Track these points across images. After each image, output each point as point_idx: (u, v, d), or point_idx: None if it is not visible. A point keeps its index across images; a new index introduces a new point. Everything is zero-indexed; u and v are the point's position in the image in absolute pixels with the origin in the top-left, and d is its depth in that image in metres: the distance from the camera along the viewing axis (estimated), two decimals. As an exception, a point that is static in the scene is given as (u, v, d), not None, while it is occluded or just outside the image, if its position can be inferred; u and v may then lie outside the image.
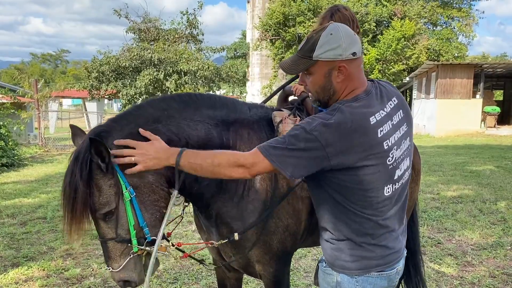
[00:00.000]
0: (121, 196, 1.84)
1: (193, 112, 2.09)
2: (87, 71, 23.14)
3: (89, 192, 1.79)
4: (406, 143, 1.81)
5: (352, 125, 1.62)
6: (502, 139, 18.43)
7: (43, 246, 5.26)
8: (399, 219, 1.86)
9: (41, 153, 15.75)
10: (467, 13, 31.99)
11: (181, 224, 5.96)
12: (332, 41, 1.67)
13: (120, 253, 1.89)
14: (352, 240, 1.76)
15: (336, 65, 1.68)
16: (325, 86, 1.75)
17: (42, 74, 66.10)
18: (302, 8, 28.69)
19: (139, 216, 1.88)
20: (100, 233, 1.90)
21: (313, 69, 1.73)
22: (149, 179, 1.91)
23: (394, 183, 1.75)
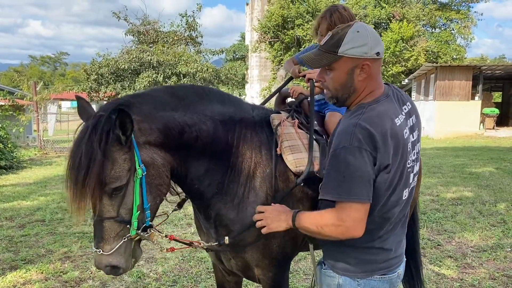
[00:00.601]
0: (133, 173, 1.82)
1: (205, 106, 2.11)
2: (86, 73, 23.12)
3: (104, 163, 1.74)
4: (417, 148, 1.83)
5: (382, 127, 1.62)
6: (501, 141, 18.45)
7: (41, 248, 5.24)
8: (403, 223, 1.86)
9: (40, 156, 15.73)
10: (466, 15, 32.11)
11: (180, 226, 5.96)
12: (359, 38, 1.66)
13: (115, 234, 1.83)
14: (358, 244, 1.73)
15: (361, 63, 1.67)
16: (346, 84, 1.72)
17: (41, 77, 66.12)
18: (301, 10, 28.73)
19: (145, 197, 1.86)
20: (99, 211, 1.82)
21: (336, 65, 1.71)
22: (158, 161, 1.92)
23: (409, 187, 1.76)
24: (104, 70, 22.18)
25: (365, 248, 1.75)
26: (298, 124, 2.39)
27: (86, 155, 1.72)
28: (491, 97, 25.88)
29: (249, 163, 2.17)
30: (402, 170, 1.68)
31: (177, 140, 1.97)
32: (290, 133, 2.30)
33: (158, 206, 1.99)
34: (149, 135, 1.90)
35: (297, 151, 2.24)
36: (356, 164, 1.57)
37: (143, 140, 1.87)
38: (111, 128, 1.75)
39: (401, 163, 1.67)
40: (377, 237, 1.74)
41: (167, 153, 1.96)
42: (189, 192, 2.19)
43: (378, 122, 1.62)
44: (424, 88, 23.80)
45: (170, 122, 1.96)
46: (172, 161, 1.98)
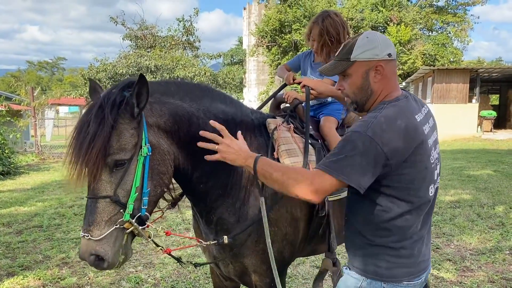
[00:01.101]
0: (138, 150, 1.78)
1: (210, 103, 2.12)
2: (83, 78, 23.18)
3: (112, 132, 1.71)
4: (438, 149, 1.86)
5: (402, 120, 1.65)
6: (499, 143, 18.49)
7: (39, 255, 5.21)
8: (429, 227, 1.88)
9: (38, 161, 15.68)
10: (462, 18, 32.22)
11: (178, 231, 5.93)
12: (369, 43, 1.76)
13: (108, 218, 1.73)
14: (390, 246, 1.75)
15: (374, 65, 1.75)
16: (363, 87, 1.79)
17: (39, 82, 66.15)
18: (298, 15, 28.82)
19: (145, 180, 1.80)
20: (95, 188, 1.74)
21: (351, 70, 1.79)
22: (164, 147, 1.89)
23: (434, 184, 1.79)
24: (102, 75, 22.24)
25: (396, 249, 1.74)
26: (293, 129, 2.41)
27: (95, 121, 1.69)
28: (488, 100, 25.99)
29: None
30: (426, 165, 1.71)
31: (186, 129, 1.96)
32: (287, 137, 2.32)
33: (157, 198, 1.92)
34: (159, 117, 1.89)
35: (294, 155, 2.26)
36: (361, 150, 1.59)
37: (152, 121, 1.87)
38: (125, 98, 1.75)
39: (424, 157, 1.70)
40: (408, 237, 1.75)
41: (175, 144, 1.95)
42: (194, 193, 2.17)
43: (398, 117, 1.66)
44: (422, 91, 23.86)
45: (180, 109, 1.96)
46: (178, 154, 1.96)
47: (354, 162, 1.60)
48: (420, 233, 1.78)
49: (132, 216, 1.77)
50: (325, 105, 2.78)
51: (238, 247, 2.17)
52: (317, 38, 2.68)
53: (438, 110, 20.83)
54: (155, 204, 1.94)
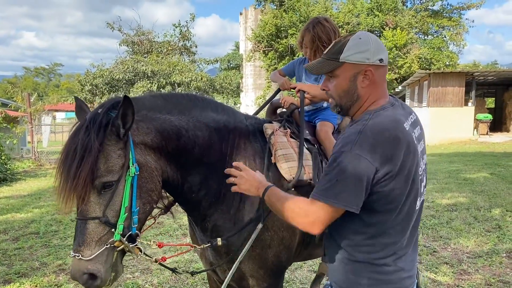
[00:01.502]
0: (126, 171, 1.77)
1: (200, 113, 2.11)
2: (80, 84, 23.16)
3: (99, 155, 1.71)
4: (425, 159, 1.78)
5: (390, 132, 1.58)
6: (495, 146, 18.55)
7: (35, 261, 5.19)
8: (415, 241, 1.80)
9: (34, 167, 15.62)
10: (457, 22, 32.41)
11: (175, 237, 5.92)
12: (361, 44, 1.66)
13: (98, 239, 1.73)
14: (372, 262, 1.67)
15: (363, 69, 1.66)
16: (349, 90, 1.70)
17: (35, 88, 65.97)
18: (294, 19, 28.95)
19: (134, 199, 1.80)
20: (84, 209, 1.74)
21: (339, 72, 1.70)
22: (151, 164, 1.89)
23: (420, 197, 1.72)
24: (99, 81, 22.23)
25: (380, 266, 1.67)
26: (290, 134, 2.42)
27: (82, 145, 1.70)
28: (484, 103, 26.09)
29: None
30: (414, 178, 1.63)
31: (174, 143, 1.96)
32: (283, 142, 2.33)
33: (146, 215, 1.93)
34: (146, 135, 1.89)
35: (291, 160, 2.27)
36: (352, 172, 1.53)
37: (139, 140, 1.86)
38: (111, 119, 1.74)
39: (412, 169, 1.62)
40: (392, 253, 1.67)
41: (163, 158, 1.94)
42: (186, 202, 2.17)
43: (385, 128, 1.59)
44: (418, 95, 23.94)
45: (167, 124, 1.96)
46: (166, 167, 1.96)
47: (347, 186, 1.53)
48: (406, 249, 1.71)
49: (123, 235, 1.77)
50: (321, 110, 2.79)
51: (234, 253, 2.18)
52: (309, 45, 2.70)
53: (434, 114, 20.92)
54: (145, 220, 1.94)
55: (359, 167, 1.52)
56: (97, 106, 1.87)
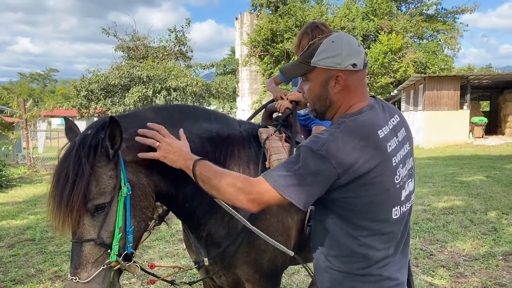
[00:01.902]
0: (118, 191, 1.76)
1: (192, 124, 2.10)
2: (76, 89, 23.10)
3: (91, 178, 1.70)
4: (410, 163, 1.72)
5: (361, 138, 1.53)
6: (490, 149, 18.64)
7: (31, 268, 5.16)
8: (404, 248, 1.75)
9: (30, 174, 15.56)
10: (452, 26, 32.64)
11: (172, 243, 5.91)
12: (332, 48, 1.59)
13: (94, 260, 1.73)
14: (355, 271, 1.64)
15: (334, 74, 1.60)
16: (321, 96, 1.67)
17: (31, 94, 65.87)
18: (289, 24, 29.05)
19: (128, 219, 1.79)
20: (79, 232, 1.73)
21: (311, 76, 1.66)
22: (143, 181, 1.87)
23: (401, 205, 1.65)
24: (94, 86, 22.20)
25: (363, 276, 1.63)
26: (285, 138, 2.43)
27: (73, 170, 1.69)
28: (479, 106, 26.25)
29: None
30: (387, 186, 1.57)
31: None
32: (278, 147, 2.33)
33: (142, 233, 1.92)
34: (137, 153, 1.87)
35: None
36: (312, 170, 1.49)
37: (130, 158, 1.84)
38: (100, 141, 1.73)
39: (385, 178, 1.56)
40: (374, 262, 1.62)
41: (155, 173, 1.94)
42: (181, 213, 2.17)
43: (357, 133, 1.54)
44: (413, 98, 24.05)
45: None
46: (159, 181, 1.95)
47: (302, 182, 1.50)
48: (391, 257, 1.66)
49: (118, 255, 1.76)
50: None
51: (229, 259, 2.17)
52: None
53: (430, 117, 21.01)
54: (142, 236, 1.94)
55: (320, 168, 1.49)
56: (86, 128, 1.87)
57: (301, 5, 30.74)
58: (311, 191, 1.52)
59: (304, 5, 31.20)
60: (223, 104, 40.09)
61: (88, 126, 1.87)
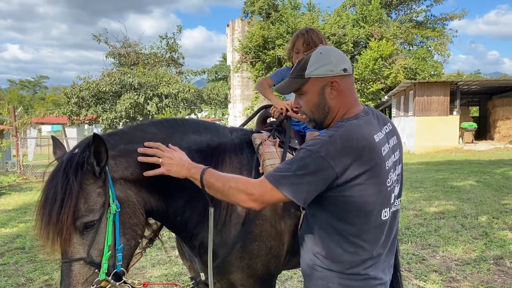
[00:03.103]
0: (107, 208, 1.76)
1: (180, 138, 2.11)
2: (66, 97, 22.98)
3: (79, 196, 1.70)
4: (399, 170, 1.81)
5: (358, 141, 1.61)
6: (480, 154, 18.81)
7: (21, 277, 5.09)
8: (390, 249, 1.82)
9: (20, 181, 15.40)
10: (441, 32, 33.03)
11: (164, 249, 5.86)
12: (322, 58, 1.72)
13: (84, 280, 1.71)
14: (342, 271, 1.70)
15: (328, 81, 1.71)
16: (319, 104, 1.75)
17: (21, 101, 65.33)
18: (281, 31, 29.19)
19: (117, 236, 1.78)
20: (68, 251, 1.72)
21: (306, 88, 1.75)
22: (133, 199, 1.87)
23: (390, 207, 1.74)
24: (85, 93, 22.10)
25: (350, 275, 1.70)
26: (279, 143, 2.44)
27: (61, 189, 1.68)
28: (468, 112, 26.49)
29: None
30: (380, 189, 1.66)
31: None
32: (271, 152, 2.34)
33: (132, 251, 1.90)
34: (125, 169, 1.87)
35: None
36: (311, 170, 1.58)
37: (118, 175, 1.84)
38: (86, 159, 1.73)
39: (378, 180, 1.65)
40: (360, 262, 1.70)
41: (144, 189, 1.93)
42: (173, 226, 2.17)
43: (355, 136, 1.62)
44: (404, 104, 24.24)
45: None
46: (149, 197, 1.95)
47: (302, 181, 1.59)
48: (377, 258, 1.74)
49: (108, 274, 1.75)
50: None
51: (222, 265, 2.17)
52: (302, 49, 2.72)
53: (420, 123, 21.18)
54: (132, 255, 1.92)
55: (320, 169, 1.58)
56: (74, 147, 1.87)
57: (292, 12, 30.93)
58: (310, 190, 1.60)
59: (295, 12, 31.41)
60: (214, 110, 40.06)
61: (76, 145, 1.88)
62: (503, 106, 23.43)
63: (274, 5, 32.09)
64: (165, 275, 4.88)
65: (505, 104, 23.42)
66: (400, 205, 1.89)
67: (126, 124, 21.45)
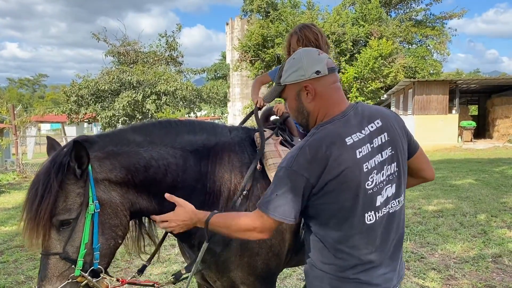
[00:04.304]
0: (85, 208, 1.81)
1: (174, 139, 2.11)
2: (66, 95, 22.96)
3: (58, 194, 1.78)
4: (391, 168, 1.73)
5: (327, 148, 1.61)
6: (479, 153, 18.83)
7: (20, 275, 5.10)
8: (391, 254, 1.78)
9: (19, 180, 15.39)
10: (440, 31, 33.02)
11: (163, 248, 5.87)
12: (294, 64, 1.75)
13: (59, 274, 1.77)
14: (334, 273, 1.72)
15: (302, 85, 1.73)
16: (298, 109, 1.79)
17: (20, 99, 65.23)
18: (280, 29, 29.15)
19: (95, 236, 1.82)
20: (46, 245, 1.80)
21: (285, 94, 1.81)
22: (116, 200, 1.90)
23: (376, 211, 1.68)
24: (84, 92, 22.08)
25: (341, 278, 1.71)
26: (281, 141, 2.45)
27: (42, 186, 1.76)
28: (467, 111, 26.50)
29: (228, 185, 2.18)
30: (356, 191, 1.62)
31: (142, 175, 1.97)
32: (274, 151, 2.34)
33: (112, 250, 1.93)
34: (109, 171, 1.90)
35: None
36: (290, 186, 1.62)
37: (102, 177, 1.88)
38: (68, 162, 1.79)
39: (352, 183, 1.62)
40: (349, 267, 1.69)
41: (132, 191, 1.96)
42: None
43: (324, 143, 1.62)
44: (403, 103, 24.25)
45: (134, 158, 1.97)
46: (137, 199, 1.98)
47: (285, 200, 1.63)
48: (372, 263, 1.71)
49: (84, 270, 1.80)
50: None
51: (222, 263, 2.18)
52: (297, 47, 2.70)
53: (419, 121, 21.19)
54: (112, 255, 1.96)
55: (296, 183, 1.62)
56: (62, 146, 1.94)
57: (291, 11, 30.88)
58: (295, 206, 1.65)
59: (294, 11, 31.35)
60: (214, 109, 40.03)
61: (64, 144, 1.94)
62: (502, 105, 23.44)
63: (274, 4, 32.07)
64: (165, 273, 4.89)
65: (504, 102, 23.44)
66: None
67: (125, 122, 21.47)
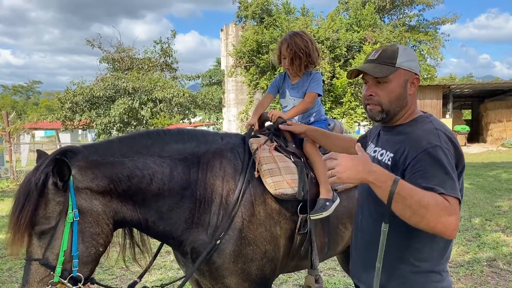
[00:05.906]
0: (64, 216, 1.84)
1: (161, 148, 2.13)
2: (60, 102, 22.85)
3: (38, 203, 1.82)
4: None
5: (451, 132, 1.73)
6: (473, 157, 18.92)
7: (14, 284, 5.06)
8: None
9: (13, 187, 15.26)
10: (433, 36, 33.26)
11: (159, 255, 5.83)
12: (410, 54, 1.79)
13: (40, 279, 1.82)
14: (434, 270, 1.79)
15: (412, 77, 1.78)
16: (400, 96, 1.77)
17: (14, 106, 64.87)
18: (274, 35, 29.24)
19: (74, 243, 1.85)
20: (28, 251, 1.86)
21: (393, 77, 1.75)
22: (98, 208, 1.92)
23: None
24: (79, 98, 21.99)
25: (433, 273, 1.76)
26: (276, 147, 2.46)
27: (23, 194, 1.81)
28: (461, 115, 26.68)
29: (220, 191, 2.18)
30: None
31: (125, 185, 1.99)
32: (268, 157, 2.35)
33: (94, 258, 1.95)
34: (91, 181, 1.92)
35: (276, 174, 2.29)
36: (450, 163, 1.59)
37: (84, 186, 1.91)
38: (51, 171, 1.83)
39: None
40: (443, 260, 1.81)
41: (116, 200, 1.97)
42: (156, 235, 2.18)
43: (447, 128, 1.72)
44: (397, 107, 24.34)
45: (118, 168, 1.99)
46: (121, 208, 1.99)
47: (453, 177, 1.56)
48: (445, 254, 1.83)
49: (64, 277, 1.83)
50: (308, 123, 2.82)
51: (217, 269, 2.18)
52: (287, 54, 2.73)
53: (414, 126, 21.28)
54: (95, 263, 1.98)
55: (451, 159, 1.61)
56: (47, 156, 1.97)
57: (286, 17, 31.02)
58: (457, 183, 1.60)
59: (289, 17, 31.50)
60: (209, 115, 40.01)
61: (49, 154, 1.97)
62: (495, 109, 23.61)
63: (268, 10, 32.18)
64: (160, 280, 4.87)
65: (497, 107, 23.61)
66: None
67: (120, 129, 21.41)
